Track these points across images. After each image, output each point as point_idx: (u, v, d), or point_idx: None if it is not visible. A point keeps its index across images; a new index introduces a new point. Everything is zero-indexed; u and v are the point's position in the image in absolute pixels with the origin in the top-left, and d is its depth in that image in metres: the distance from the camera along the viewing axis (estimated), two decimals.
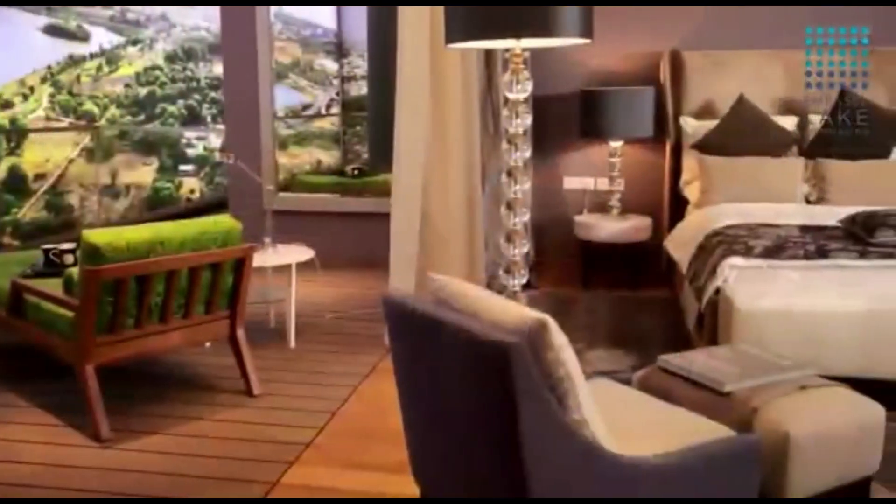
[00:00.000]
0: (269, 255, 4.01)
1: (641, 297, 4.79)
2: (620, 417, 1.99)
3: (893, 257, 3.20)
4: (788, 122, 4.67)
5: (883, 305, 2.96)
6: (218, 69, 7.79)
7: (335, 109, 8.96)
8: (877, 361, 2.96)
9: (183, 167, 8.75)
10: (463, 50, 3.93)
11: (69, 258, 3.58)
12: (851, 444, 2.20)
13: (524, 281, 3.11)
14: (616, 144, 5.00)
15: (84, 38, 7.79)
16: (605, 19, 4.58)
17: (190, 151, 8.86)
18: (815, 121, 4.63)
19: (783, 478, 2.09)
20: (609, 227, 4.90)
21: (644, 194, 5.18)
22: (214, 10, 6.61)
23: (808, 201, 4.35)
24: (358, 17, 8.25)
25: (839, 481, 2.19)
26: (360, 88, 8.80)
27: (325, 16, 8.75)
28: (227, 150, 5.54)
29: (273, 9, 6.18)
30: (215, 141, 8.78)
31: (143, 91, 8.35)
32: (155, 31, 8.46)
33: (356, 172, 7.48)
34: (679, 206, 4.80)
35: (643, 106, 4.87)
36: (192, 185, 8.75)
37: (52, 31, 7.51)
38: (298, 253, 4.06)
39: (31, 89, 7.29)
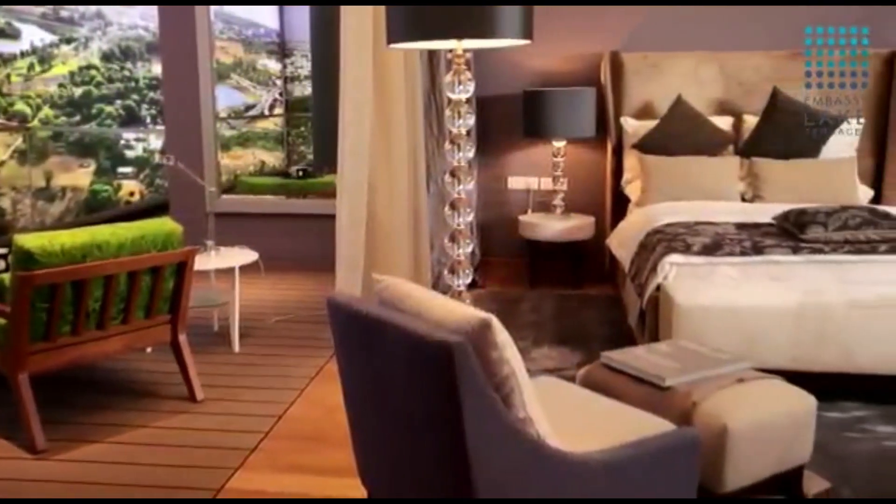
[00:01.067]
0: (212, 259, 3.95)
1: (585, 294, 4.86)
2: (565, 414, 2.02)
3: (823, 253, 3.32)
4: (724, 122, 4.80)
5: (813, 299, 3.07)
6: (157, 69, 7.62)
7: (279, 110, 8.86)
8: (808, 354, 3.06)
9: (122, 169, 8.53)
10: (406, 50, 3.93)
11: (0, 264, 3.47)
12: (786, 434, 2.27)
13: (469, 280, 3.13)
14: (559, 144, 5.06)
15: (14, 35, 7.52)
16: (547, 21, 4.65)
17: (129, 153, 8.65)
18: (749, 120, 4.77)
19: (722, 468, 2.15)
20: (553, 227, 4.96)
21: (587, 193, 5.26)
22: (152, 9, 6.47)
23: (743, 199, 4.47)
24: (301, 16, 8.18)
25: (774, 470, 2.26)
26: (303, 89, 8.72)
27: (267, 16, 8.65)
28: (166, 152, 5.43)
29: (213, 8, 6.08)
30: (155, 142, 8.59)
31: (78, 91, 8.11)
32: (90, 29, 8.22)
33: (300, 174, 7.42)
34: (621, 205, 4.89)
35: (585, 106, 4.94)
36: (131, 188, 8.54)
37: None
38: (242, 256, 4.01)
39: None
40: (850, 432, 2.87)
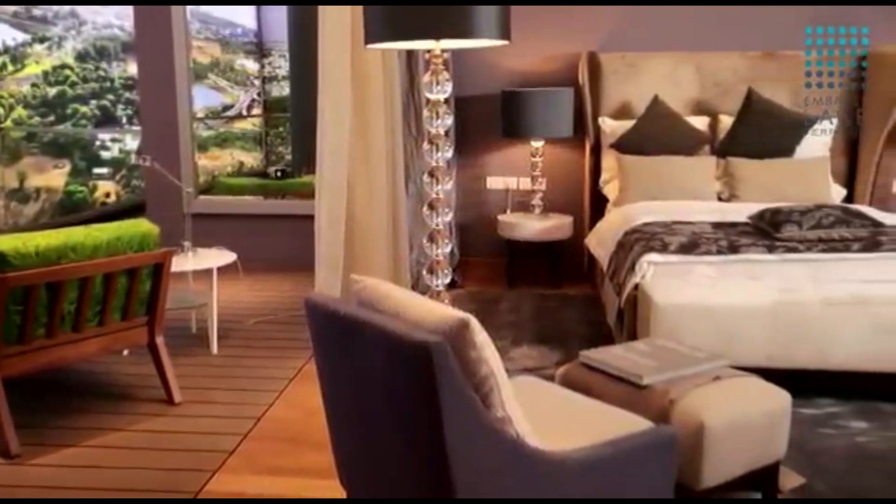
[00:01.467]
0: (189, 260, 3.92)
1: (564, 294, 4.88)
2: (544, 414, 2.03)
3: (798, 251, 3.36)
4: (700, 122, 4.84)
5: (788, 297, 3.11)
6: (133, 69, 7.54)
7: (257, 110, 8.81)
8: (783, 351, 3.10)
9: (97, 170, 8.43)
10: (384, 50, 3.93)
11: None
12: (762, 431, 2.30)
13: (448, 280, 3.13)
14: (537, 144, 5.08)
15: None
16: (524, 21, 4.66)
17: (104, 154, 8.56)
18: (725, 120, 4.82)
19: (699, 465, 2.17)
20: (532, 226, 4.98)
21: (565, 193, 5.28)
22: (128, 8, 6.41)
23: (720, 198, 4.52)
24: (279, 16, 8.14)
25: (750, 466, 2.28)
26: (282, 89, 8.68)
27: (244, 15, 8.59)
28: (142, 153, 5.38)
29: (190, 7, 6.04)
30: (131, 143, 8.51)
31: (52, 91, 8.01)
32: (64, 28, 8.12)
33: (279, 174, 7.38)
34: (599, 205, 4.91)
35: (563, 106, 4.96)
36: (107, 189, 8.45)
37: None
38: (219, 257, 3.98)
39: None
40: (824, 428, 2.91)
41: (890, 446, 2.78)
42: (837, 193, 4.63)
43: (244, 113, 8.70)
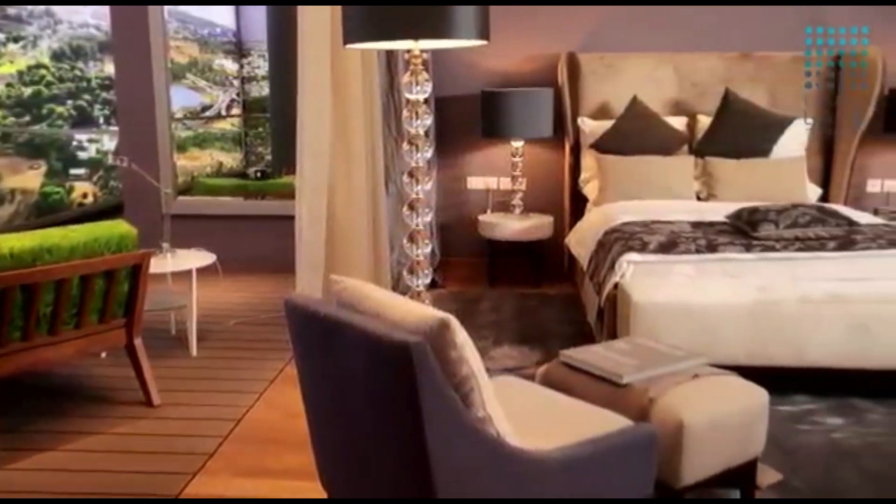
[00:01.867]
0: (168, 261, 3.89)
1: (544, 293, 4.90)
2: (525, 413, 2.04)
3: (775, 250, 3.40)
4: (678, 123, 4.88)
5: (766, 296, 3.14)
6: (110, 68, 7.47)
7: (236, 110, 8.76)
8: (761, 349, 3.13)
9: (74, 171, 8.33)
10: (363, 50, 3.93)
11: None
12: (740, 428, 2.32)
13: (428, 280, 3.14)
14: (517, 144, 5.10)
15: None
16: (504, 21, 4.68)
17: (81, 154, 8.46)
18: (703, 120, 4.86)
19: (678, 463, 2.18)
20: (512, 226, 4.99)
21: (545, 193, 5.30)
22: (104, 7, 6.35)
23: (698, 198, 4.56)
24: (258, 16, 8.10)
25: (729, 463, 2.30)
26: (261, 89, 8.64)
27: (223, 15, 8.54)
28: (119, 153, 5.34)
29: (167, 7, 5.99)
30: (109, 143, 8.42)
31: (27, 91, 7.91)
32: (39, 27, 8.03)
33: (259, 175, 7.35)
34: (579, 205, 4.94)
35: (543, 106, 4.98)
36: (84, 190, 8.35)
37: None
38: (198, 258, 3.96)
39: None
40: (801, 425, 2.95)
41: (864, 442, 2.82)
42: (813, 193, 4.69)
43: (223, 113, 8.64)
